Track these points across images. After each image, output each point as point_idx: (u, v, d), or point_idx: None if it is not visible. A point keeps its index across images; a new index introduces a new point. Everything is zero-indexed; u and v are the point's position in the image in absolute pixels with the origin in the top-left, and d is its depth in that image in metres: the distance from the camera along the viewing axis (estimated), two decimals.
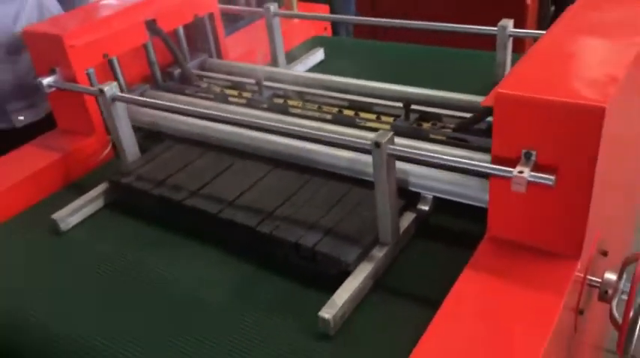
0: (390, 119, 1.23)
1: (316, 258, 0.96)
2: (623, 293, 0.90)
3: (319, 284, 0.95)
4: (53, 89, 1.29)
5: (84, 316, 0.95)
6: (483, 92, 1.15)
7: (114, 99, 1.18)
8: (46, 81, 1.27)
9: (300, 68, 1.65)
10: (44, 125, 1.60)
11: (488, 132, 1.11)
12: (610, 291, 0.91)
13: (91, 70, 1.31)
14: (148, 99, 1.28)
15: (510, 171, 0.78)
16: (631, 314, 0.85)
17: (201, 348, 0.87)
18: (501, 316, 0.78)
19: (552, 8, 3.22)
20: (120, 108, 1.20)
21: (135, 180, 1.19)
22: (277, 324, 0.89)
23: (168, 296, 0.98)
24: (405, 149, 0.88)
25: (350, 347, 0.84)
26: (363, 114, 1.27)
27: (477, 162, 0.83)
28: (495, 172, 0.80)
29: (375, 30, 2.40)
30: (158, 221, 1.16)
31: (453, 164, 0.86)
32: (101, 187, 1.22)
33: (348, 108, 1.31)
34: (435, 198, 1.05)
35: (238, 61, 1.63)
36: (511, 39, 1.29)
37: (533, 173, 0.76)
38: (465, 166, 0.84)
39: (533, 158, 0.78)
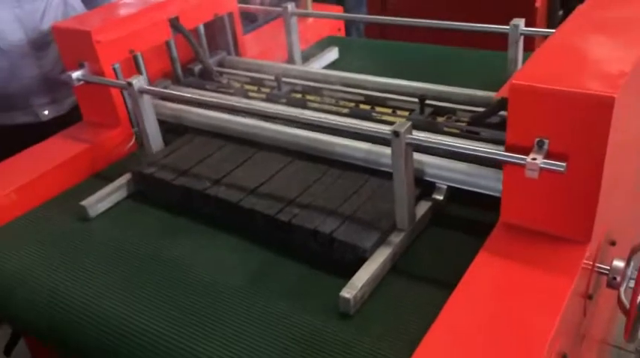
0: (405, 113, 1.28)
1: (334, 244, 1.00)
2: (630, 280, 0.94)
3: (336, 271, 0.99)
4: (81, 82, 1.34)
5: (111, 295, 1.00)
6: (495, 89, 1.21)
7: (141, 91, 1.23)
8: (75, 74, 1.33)
9: (316, 66, 1.70)
10: (68, 119, 1.66)
11: (499, 125, 1.15)
12: (618, 278, 0.95)
13: (117, 65, 1.36)
14: (173, 92, 1.34)
15: (524, 159, 0.82)
16: (638, 299, 0.89)
17: (220, 329, 0.91)
18: (513, 298, 0.82)
19: (560, 12, 3.26)
20: (146, 101, 1.25)
21: (158, 171, 1.24)
22: (295, 307, 0.93)
23: (189, 279, 1.02)
24: (423, 138, 0.93)
25: (368, 327, 0.88)
26: (378, 109, 1.32)
27: (492, 150, 0.87)
28: (510, 160, 0.84)
29: (385, 31, 2.44)
30: (180, 210, 1.20)
31: (469, 153, 0.90)
32: (125, 177, 1.27)
33: (364, 103, 1.36)
34: (449, 187, 1.09)
35: (255, 58, 1.68)
36: (522, 37, 1.33)
37: (545, 160, 0.81)
38: (481, 155, 0.89)
39: (545, 146, 0.83)
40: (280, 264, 1.04)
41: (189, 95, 1.24)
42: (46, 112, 1.69)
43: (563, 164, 0.80)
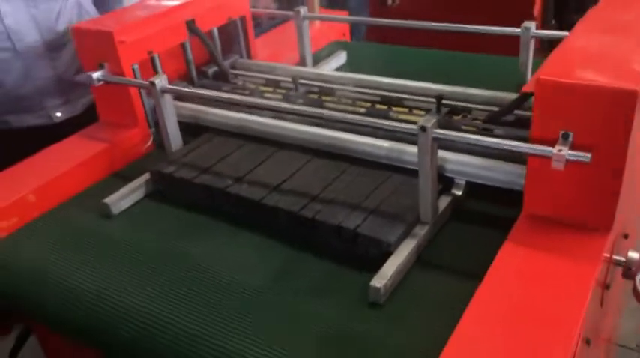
0: (422, 112, 1.31)
1: (358, 239, 1.02)
2: None
3: (360, 267, 1.01)
4: (101, 83, 1.36)
5: (135, 290, 1.02)
6: (507, 92, 1.25)
7: (163, 91, 1.26)
8: (96, 75, 1.34)
9: (325, 69, 1.73)
10: (80, 120, 1.68)
11: (513, 123, 1.19)
12: (634, 268, 0.99)
13: (136, 66, 1.39)
14: (195, 91, 1.36)
15: (550, 151, 0.86)
16: None
17: (248, 325, 0.92)
18: (541, 286, 0.85)
19: (552, 22, 3.33)
20: (167, 100, 1.28)
21: (178, 170, 1.25)
22: (323, 302, 0.95)
23: (211, 277, 1.03)
24: (448, 134, 0.96)
25: (399, 317, 0.91)
26: (395, 109, 1.35)
27: (518, 144, 0.91)
28: (536, 152, 0.88)
29: (387, 35, 2.48)
30: (200, 209, 1.22)
31: (495, 147, 0.94)
32: (144, 177, 1.29)
33: (380, 103, 1.39)
34: (467, 183, 1.12)
35: (266, 61, 1.71)
36: (533, 40, 1.37)
37: (570, 151, 0.84)
38: (507, 148, 0.92)
39: (570, 138, 0.86)
40: (303, 261, 1.05)
41: (213, 93, 1.27)
42: (59, 114, 1.70)
43: (588, 155, 0.84)
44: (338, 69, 1.80)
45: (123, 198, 1.25)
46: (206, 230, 1.17)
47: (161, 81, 1.25)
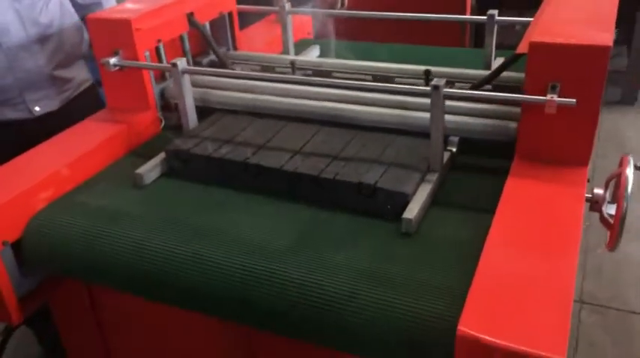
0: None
1: (377, 193, 1.15)
2: (607, 203, 1.21)
3: (380, 218, 1.14)
4: (117, 68, 1.46)
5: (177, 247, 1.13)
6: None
7: (184, 71, 1.38)
8: (113, 60, 1.44)
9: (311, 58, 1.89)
10: (58, 115, 1.76)
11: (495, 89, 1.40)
12: (600, 202, 1.22)
13: (147, 53, 1.50)
14: (217, 70, 1.49)
15: (544, 99, 1.07)
16: (620, 212, 1.16)
17: (282, 279, 1.03)
18: (545, 207, 1.06)
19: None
20: (187, 81, 1.40)
21: (195, 146, 1.34)
22: (355, 245, 1.08)
23: (241, 240, 1.11)
24: (457, 91, 1.16)
25: (429, 245, 1.07)
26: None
27: (517, 95, 1.12)
28: (532, 100, 1.09)
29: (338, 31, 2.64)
30: (220, 183, 1.31)
31: (499, 98, 1.15)
32: (161, 156, 1.38)
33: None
34: (459, 140, 1.33)
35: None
36: (496, 27, 1.61)
37: (560, 98, 1.06)
38: (508, 99, 1.13)
39: (557, 89, 1.09)
40: (325, 221, 1.16)
41: (233, 72, 1.40)
42: (38, 108, 1.74)
43: (574, 100, 1.06)
44: None
45: (154, 169, 1.35)
46: (230, 201, 1.25)
47: (182, 62, 1.37)
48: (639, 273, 2.46)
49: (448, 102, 1.21)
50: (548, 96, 1.07)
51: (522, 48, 1.12)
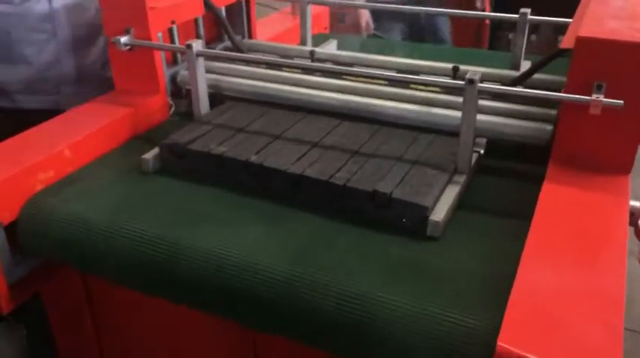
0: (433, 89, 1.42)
1: (393, 205, 1.03)
2: None
3: (392, 231, 1.02)
4: (127, 47, 1.38)
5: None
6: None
7: (199, 54, 1.30)
8: (124, 39, 1.36)
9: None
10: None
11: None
12: (636, 214, 1.14)
13: (160, 34, 1.42)
14: (234, 54, 1.41)
15: (588, 99, 0.99)
16: None
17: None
18: (589, 213, 0.97)
19: None
20: (201, 65, 1.32)
21: (195, 141, 1.21)
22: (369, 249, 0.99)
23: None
24: (492, 86, 1.08)
25: (458, 248, 0.99)
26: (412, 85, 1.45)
27: (559, 94, 1.04)
28: (576, 99, 1.01)
29: None
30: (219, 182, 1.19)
31: (540, 96, 1.06)
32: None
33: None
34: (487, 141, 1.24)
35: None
36: (527, 25, 1.53)
37: (606, 99, 0.98)
38: (549, 98, 1.05)
39: (603, 88, 1.00)
40: (336, 229, 1.04)
41: (247, 56, 1.32)
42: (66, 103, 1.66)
43: (622, 102, 0.98)
44: None
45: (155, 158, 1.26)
46: (231, 203, 1.13)
47: (197, 44, 1.29)
48: None
49: (480, 101, 1.13)
50: (594, 96, 0.99)
51: (567, 43, 1.03)
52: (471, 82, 1.07)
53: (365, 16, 2.26)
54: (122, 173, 1.24)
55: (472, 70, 1.08)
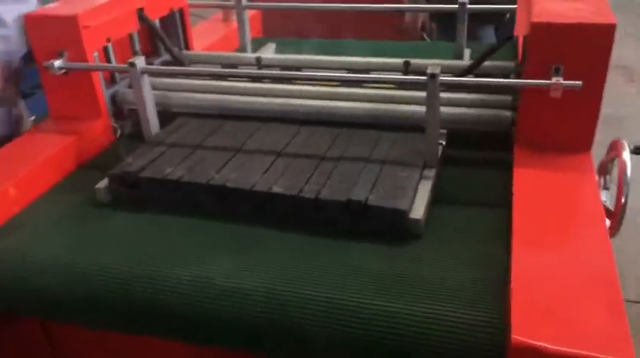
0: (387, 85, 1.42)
1: (369, 212, 0.99)
2: (603, 189, 1.17)
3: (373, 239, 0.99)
4: (63, 71, 1.29)
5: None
6: None
7: (143, 72, 1.23)
8: (57, 63, 1.27)
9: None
10: None
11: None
12: None
13: (96, 54, 1.34)
14: (184, 68, 1.35)
15: (548, 82, 1.01)
16: (622, 199, 1.12)
17: None
18: (564, 193, 1.00)
19: None
20: (146, 82, 1.25)
21: (147, 167, 1.14)
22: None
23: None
24: (454, 79, 1.08)
25: (442, 244, 0.98)
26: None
27: (519, 80, 1.05)
28: (537, 84, 1.03)
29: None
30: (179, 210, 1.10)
31: (500, 85, 1.08)
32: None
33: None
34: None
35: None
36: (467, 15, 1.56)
37: (566, 81, 1.01)
38: (510, 85, 1.07)
39: (561, 71, 1.03)
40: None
41: (202, 70, 1.27)
42: None
43: (580, 83, 1.00)
44: None
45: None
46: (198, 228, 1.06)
47: (141, 61, 1.23)
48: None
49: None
50: (554, 80, 1.01)
51: (521, 30, 1.05)
52: (433, 76, 1.07)
53: (420, 18, 2.21)
54: (73, 208, 1.15)
55: (432, 64, 1.08)
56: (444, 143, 1.24)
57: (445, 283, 0.88)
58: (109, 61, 1.41)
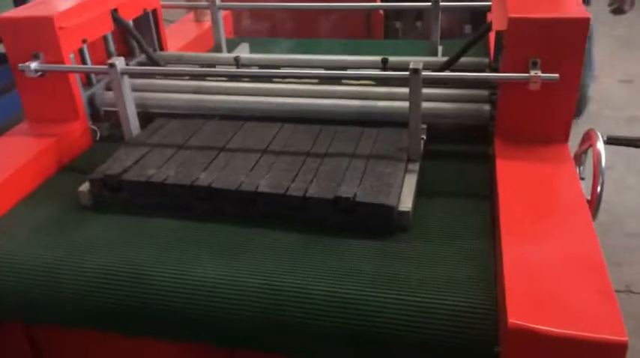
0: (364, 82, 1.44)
1: (358, 208, 1.00)
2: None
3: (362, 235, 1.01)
4: (39, 74, 1.26)
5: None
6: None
7: (123, 72, 1.22)
8: (33, 65, 1.25)
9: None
10: None
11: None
12: None
13: (72, 55, 1.32)
14: (165, 69, 1.33)
15: (527, 76, 1.04)
16: (598, 188, 1.16)
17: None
18: (546, 183, 1.03)
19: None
20: (127, 83, 1.24)
21: (129, 170, 1.12)
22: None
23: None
24: (435, 74, 1.11)
25: (426, 237, 1.00)
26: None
27: (498, 74, 1.08)
28: (515, 77, 1.06)
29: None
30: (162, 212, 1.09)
31: (480, 79, 1.11)
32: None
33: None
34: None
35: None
36: (440, 13, 1.59)
37: (544, 74, 1.04)
38: (494, 78, 1.09)
39: (538, 65, 1.06)
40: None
41: (183, 70, 1.27)
42: None
43: (557, 75, 1.04)
44: None
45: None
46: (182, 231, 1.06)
47: (121, 62, 1.21)
48: None
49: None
50: (532, 73, 1.04)
51: (499, 25, 1.08)
52: (416, 71, 1.09)
53: None
54: (54, 212, 1.13)
55: (414, 60, 1.10)
56: (424, 137, 1.27)
57: (433, 274, 0.90)
58: (84, 62, 1.40)
